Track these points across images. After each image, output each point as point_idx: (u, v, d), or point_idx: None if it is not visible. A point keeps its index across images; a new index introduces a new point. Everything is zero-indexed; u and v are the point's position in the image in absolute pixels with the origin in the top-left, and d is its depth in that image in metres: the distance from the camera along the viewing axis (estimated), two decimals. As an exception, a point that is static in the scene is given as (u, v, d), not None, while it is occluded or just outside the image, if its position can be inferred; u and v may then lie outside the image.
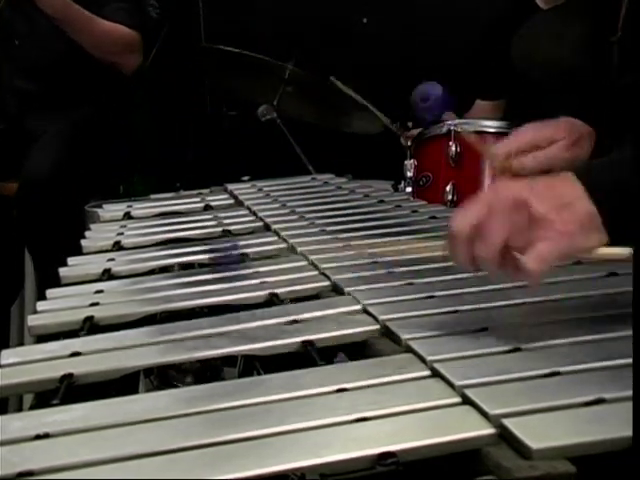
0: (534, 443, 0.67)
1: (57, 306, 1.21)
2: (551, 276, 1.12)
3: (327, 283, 1.20)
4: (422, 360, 0.87)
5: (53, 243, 2.37)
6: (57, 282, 1.36)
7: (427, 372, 0.84)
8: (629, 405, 0.71)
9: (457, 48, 2.89)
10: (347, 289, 1.14)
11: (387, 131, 2.49)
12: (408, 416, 0.75)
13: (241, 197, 1.94)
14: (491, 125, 2.20)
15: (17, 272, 2.72)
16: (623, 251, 0.99)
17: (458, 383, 0.79)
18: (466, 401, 0.76)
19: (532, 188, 0.95)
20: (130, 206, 1.92)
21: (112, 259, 1.45)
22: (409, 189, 2.20)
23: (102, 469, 0.70)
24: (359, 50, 3.24)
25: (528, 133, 1.34)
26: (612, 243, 0.94)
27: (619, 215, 0.94)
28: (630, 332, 0.86)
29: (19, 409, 2.17)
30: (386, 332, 0.98)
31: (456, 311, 1.02)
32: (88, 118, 2.72)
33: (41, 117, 2.67)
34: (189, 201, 1.94)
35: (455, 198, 2.22)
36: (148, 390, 1.65)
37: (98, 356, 0.99)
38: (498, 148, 1.29)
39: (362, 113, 2.66)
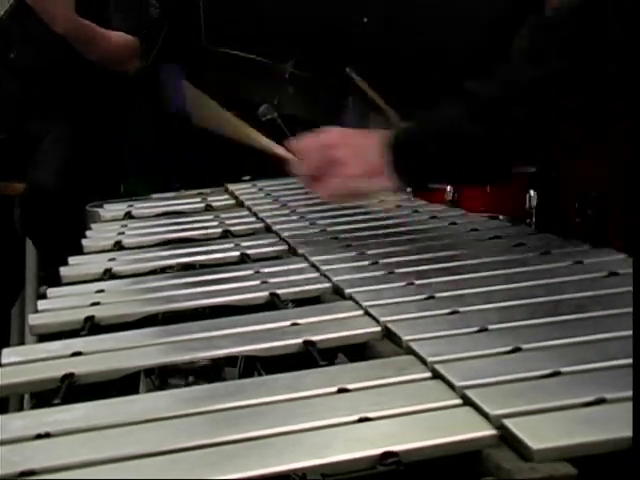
0: (535, 444, 0.67)
1: (58, 305, 1.21)
2: (551, 276, 1.13)
3: (328, 285, 1.21)
4: (423, 361, 0.87)
5: (59, 244, 2.37)
6: (58, 281, 1.37)
7: (428, 373, 0.84)
8: (630, 405, 0.71)
9: (457, 48, 2.89)
10: (348, 291, 1.14)
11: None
12: (409, 417, 0.75)
13: (242, 197, 1.94)
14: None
15: (18, 273, 2.72)
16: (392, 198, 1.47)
17: (459, 384, 0.79)
18: (467, 402, 0.76)
19: (342, 136, 1.29)
20: (131, 206, 1.92)
21: (113, 259, 1.45)
22: (409, 189, 2.19)
23: (103, 469, 0.70)
24: (359, 49, 3.24)
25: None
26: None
27: (406, 166, 1.22)
28: (630, 332, 0.86)
29: (20, 408, 2.17)
30: (387, 333, 0.99)
31: (456, 312, 1.02)
32: (89, 119, 2.72)
33: (42, 120, 2.67)
34: (190, 201, 1.95)
35: (455, 198, 2.22)
36: (149, 390, 1.66)
37: (99, 356, 0.99)
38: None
39: (364, 112, 2.66)
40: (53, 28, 2.47)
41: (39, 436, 0.76)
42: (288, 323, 1.03)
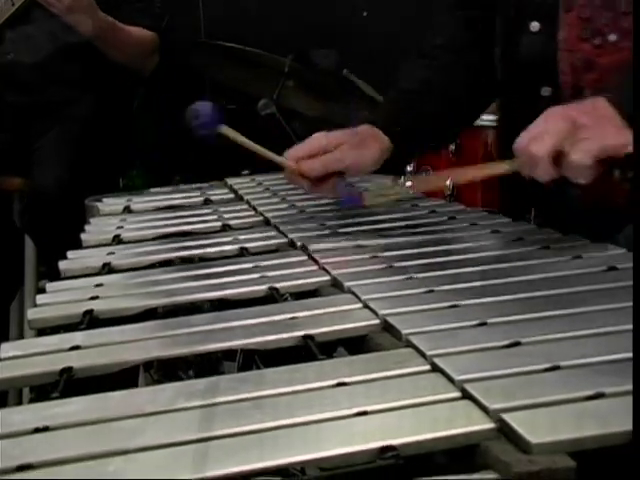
0: (534, 438, 0.67)
1: (57, 299, 1.21)
2: (550, 270, 1.13)
3: (327, 278, 1.20)
4: (422, 355, 0.87)
5: (59, 240, 2.38)
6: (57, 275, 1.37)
7: (427, 367, 0.84)
8: (629, 399, 0.71)
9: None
10: (347, 284, 1.14)
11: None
12: (408, 410, 0.75)
13: (241, 191, 1.94)
14: (491, 119, 2.20)
15: (17, 268, 2.72)
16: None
17: (458, 378, 0.79)
18: (466, 396, 0.76)
19: (578, 108, 1.22)
20: (130, 200, 1.92)
21: (112, 253, 1.45)
22: (409, 183, 2.19)
23: (102, 462, 0.70)
24: (359, 43, 3.24)
25: (316, 140, 1.53)
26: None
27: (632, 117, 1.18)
28: (630, 326, 0.86)
29: (19, 402, 2.17)
30: (386, 327, 0.99)
31: (456, 305, 1.02)
32: (89, 114, 2.71)
33: (42, 117, 2.66)
34: (189, 195, 1.94)
35: (454, 192, 2.22)
36: (148, 384, 1.66)
37: (98, 350, 0.99)
38: (288, 154, 1.51)
39: (362, 105, 2.66)
40: (83, 33, 2.45)
41: (38, 430, 0.76)
42: (287, 316, 1.03)
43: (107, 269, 1.35)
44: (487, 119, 2.20)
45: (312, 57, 2.86)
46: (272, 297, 1.15)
